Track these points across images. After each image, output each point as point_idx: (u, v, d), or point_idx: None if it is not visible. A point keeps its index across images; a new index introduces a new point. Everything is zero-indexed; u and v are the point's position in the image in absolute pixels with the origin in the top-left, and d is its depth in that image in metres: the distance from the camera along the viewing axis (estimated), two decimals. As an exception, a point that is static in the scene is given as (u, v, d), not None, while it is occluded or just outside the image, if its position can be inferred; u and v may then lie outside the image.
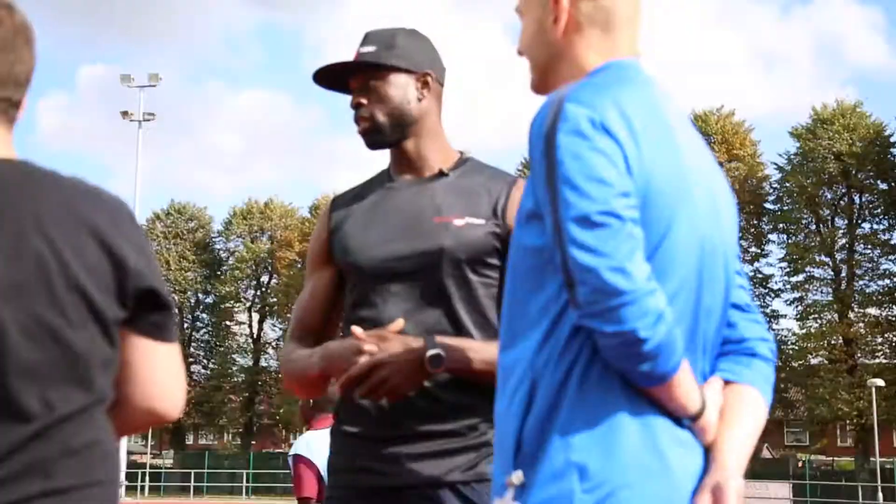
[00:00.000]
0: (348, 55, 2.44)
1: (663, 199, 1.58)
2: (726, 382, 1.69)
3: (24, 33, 1.55)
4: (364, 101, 2.38)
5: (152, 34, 74.24)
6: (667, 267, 1.57)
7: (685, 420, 1.58)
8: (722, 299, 1.70)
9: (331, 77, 2.45)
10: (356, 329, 2.17)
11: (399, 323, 2.20)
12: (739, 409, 1.66)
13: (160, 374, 1.53)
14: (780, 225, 39.20)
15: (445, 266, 2.27)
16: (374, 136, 2.38)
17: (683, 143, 1.67)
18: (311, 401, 5.02)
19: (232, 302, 47.20)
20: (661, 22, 72.30)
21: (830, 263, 38.21)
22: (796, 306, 39.06)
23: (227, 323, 47.66)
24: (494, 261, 2.28)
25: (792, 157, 38.55)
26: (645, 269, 1.50)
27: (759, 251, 39.85)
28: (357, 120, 2.39)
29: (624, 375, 1.54)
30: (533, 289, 1.62)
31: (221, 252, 48.53)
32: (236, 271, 46.81)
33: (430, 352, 2.12)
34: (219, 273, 47.70)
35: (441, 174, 2.38)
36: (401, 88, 2.38)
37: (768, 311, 39.64)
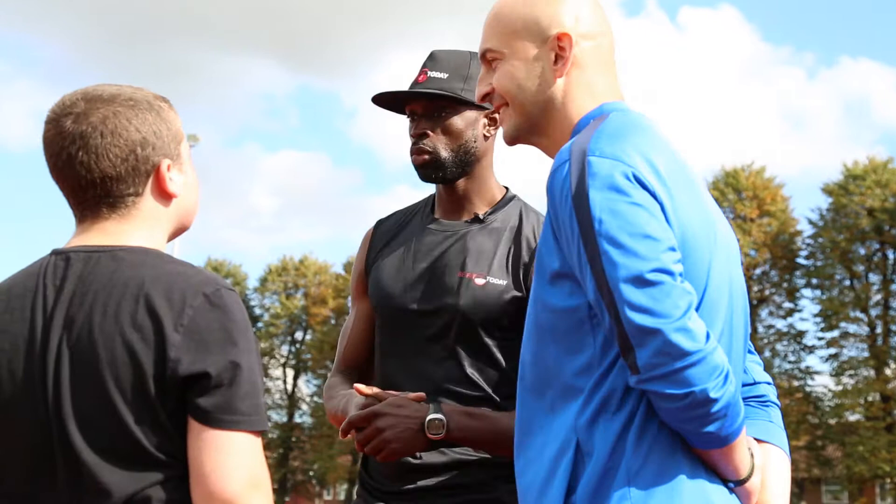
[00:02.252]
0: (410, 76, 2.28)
1: (699, 246, 1.51)
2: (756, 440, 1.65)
3: (105, 124, 1.55)
4: (429, 131, 2.22)
5: (192, 98, 75.91)
6: (711, 316, 1.51)
7: (731, 483, 1.54)
8: (744, 342, 1.65)
9: (389, 95, 2.28)
10: (359, 386, 2.12)
11: (420, 395, 2.11)
12: (775, 472, 1.64)
13: (210, 460, 1.43)
14: (814, 280, 38.80)
15: (459, 328, 2.19)
16: (432, 171, 2.23)
17: (701, 188, 1.62)
18: None
19: (266, 358, 47.19)
20: (693, 79, 72.90)
21: (865, 319, 37.76)
22: (832, 363, 38.50)
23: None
24: (510, 323, 2.17)
25: (824, 212, 38.46)
26: (703, 326, 1.43)
27: (792, 306, 39.52)
28: (416, 150, 2.23)
29: (682, 438, 1.48)
30: (568, 351, 1.53)
31: (256, 309, 48.82)
32: (271, 328, 47.02)
33: (431, 416, 2.02)
34: (254, 330, 47.74)
35: (476, 219, 2.27)
36: (471, 124, 2.23)
37: (803, 367, 39.18)
